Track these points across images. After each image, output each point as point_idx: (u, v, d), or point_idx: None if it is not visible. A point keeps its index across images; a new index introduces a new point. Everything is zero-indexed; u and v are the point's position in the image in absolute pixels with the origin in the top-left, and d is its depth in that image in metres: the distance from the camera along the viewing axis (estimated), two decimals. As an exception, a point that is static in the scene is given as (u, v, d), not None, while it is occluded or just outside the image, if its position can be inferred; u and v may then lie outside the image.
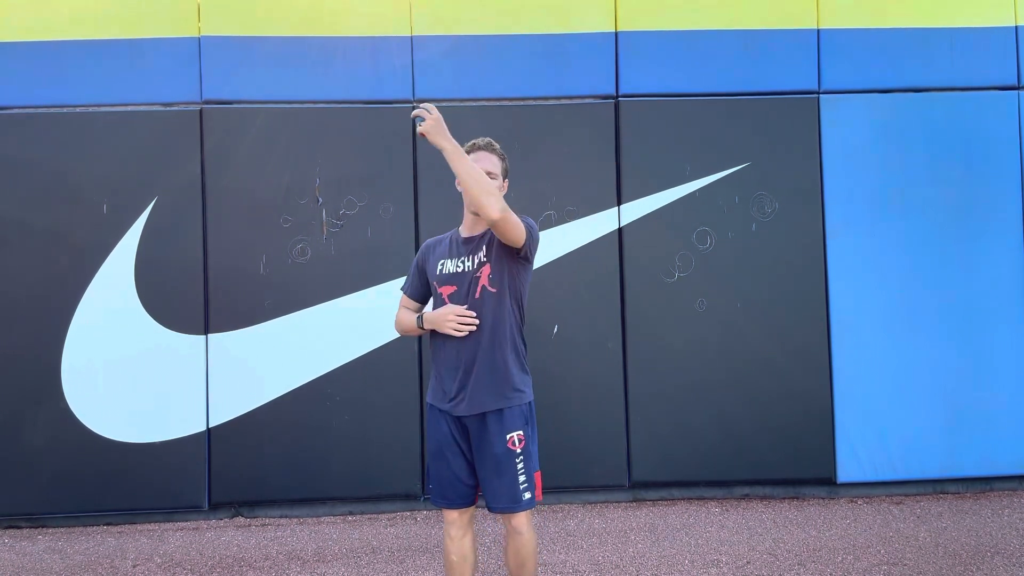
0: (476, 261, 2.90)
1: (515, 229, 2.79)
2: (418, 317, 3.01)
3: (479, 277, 2.89)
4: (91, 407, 4.80)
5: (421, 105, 2.76)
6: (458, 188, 2.91)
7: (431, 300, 3.07)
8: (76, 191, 4.85)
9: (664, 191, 5.05)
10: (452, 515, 2.98)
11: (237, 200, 4.92)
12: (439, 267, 2.98)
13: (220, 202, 4.92)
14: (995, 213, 5.08)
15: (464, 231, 3.01)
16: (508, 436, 2.86)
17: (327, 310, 4.92)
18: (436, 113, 2.73)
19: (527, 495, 2.88)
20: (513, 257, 2.89)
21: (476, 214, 2.90)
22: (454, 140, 2.73)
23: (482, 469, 2.91)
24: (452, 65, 5.03)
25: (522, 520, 2.91)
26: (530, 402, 2.94)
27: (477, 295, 2.88)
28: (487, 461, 2.88)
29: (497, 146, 3.02)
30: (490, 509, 2.92)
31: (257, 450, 4.85)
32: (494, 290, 2.87)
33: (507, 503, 2.87)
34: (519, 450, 2.87)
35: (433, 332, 2.97)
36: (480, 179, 2.71)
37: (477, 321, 2.85)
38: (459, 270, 2.93)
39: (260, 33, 4.98)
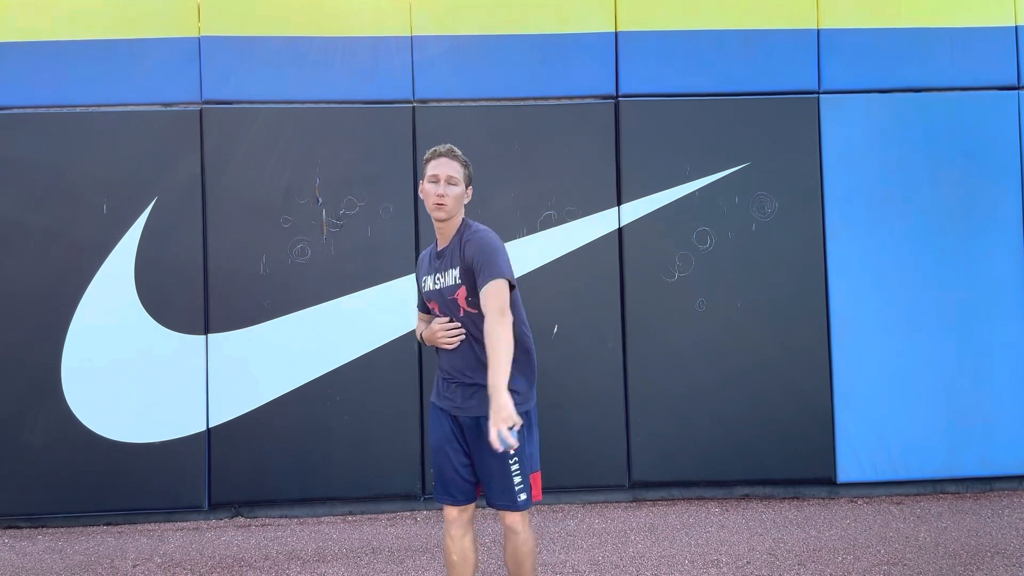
0: (451, 279, 2.92)
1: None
2: (419, 338, 3.15)
3: (456, 299, 2.91)
4: (91, 407, 4.80)
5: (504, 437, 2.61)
6: (420, 194, 3.02)
7: None
8: (76, 191, 4.85)
9: (664, 191, 5.05)
10: (452, 513, 2.99)
11: (237, 200, 4.92)
12: (424, 283, 3.07)
13: (220, 202, 4.92)
14: (995, 213, 5.08)
15: (438, 243, 3.02)
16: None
17: (327, 310, 4.91)
18: (503, 432, 2.59)
19: (523, 496, 2.89)
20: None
21: (437, 220, 2.94)
22: (503, 400, 2.61)
23: (480, 469, 2.94)
24: (452, 65, 5.03)
25: (517, 520, 2.91)
26: (527, 411, 2.90)
27: (461, 314, 2.92)
28: (483, 462, 2.90)
29: (459, 152, 2.98)
30: (489, 505, 2.95)
31: (257, 450, 4.85)
32: (475, 311, 2.88)
33: (503, 502, 2.90)
34: (513, 452, 2.86)
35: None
36: (508, 357, 2.69)
37: (463, 331, 2.91)
38: (436, 286, 2.97)
39: (260, 33, 4.98)
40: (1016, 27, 5.16)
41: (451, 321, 2.93)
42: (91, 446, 4.77)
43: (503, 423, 2.56)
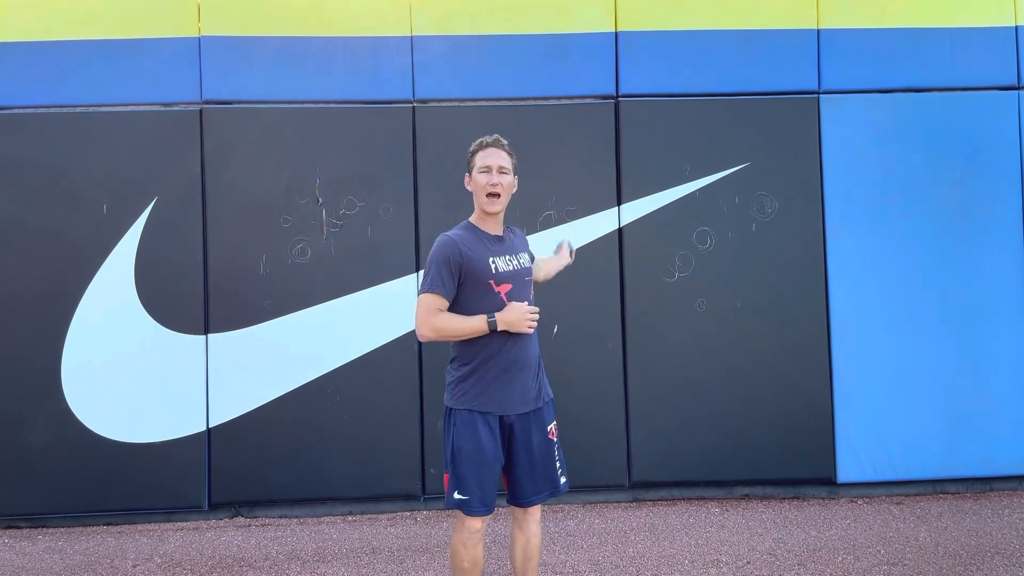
0: (524, 261, 3.05)
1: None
2: (490, 320, 2.86)
3: (530, 281, 3.06)
4: (91, 407, 4.80)
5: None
6: (468, 188, 3.06)
7: (463, 300, 2.94)
8: (76, 191, 4.85)
9: (664, 191, 5.05)
10: (477, 524, 2.93)
11: (237, 200, 4.92)
12: (491, 265, 2.91)
13: (220, 202, 4.91)
14: (995, 213, 5.08)
15: (487, 229, 3.02)
16: (548, 428, 3.05)
17: (327, 310, 4.91)
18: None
19: (563, 479, 3.06)
20: None
21: (488, 213, 2.99)
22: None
23: (527, 464, 2.97)
24: (452, 65, 5.03)
25: (539, 515, 3.06)
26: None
27: (532, 296, 3.05)
28: (531, 454, 2.97)
29: (505, 142, 3.04)
30: (526, 503, 2.98)
31: (257, 450, 4.85)
32: (534, 293, 3.09)
33: (550, 490, 3.01)
34: (555, 440, 3.07)
35: (478, 340, 2.89)
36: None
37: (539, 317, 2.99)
38: (511, 268, 2.97)
39: (260, 33, 4.98)
40: (1016, 27, 5.16)
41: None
42: (91, 446, 4.77)
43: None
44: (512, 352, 2.90)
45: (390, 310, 4.89)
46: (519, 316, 2.86)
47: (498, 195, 2.94)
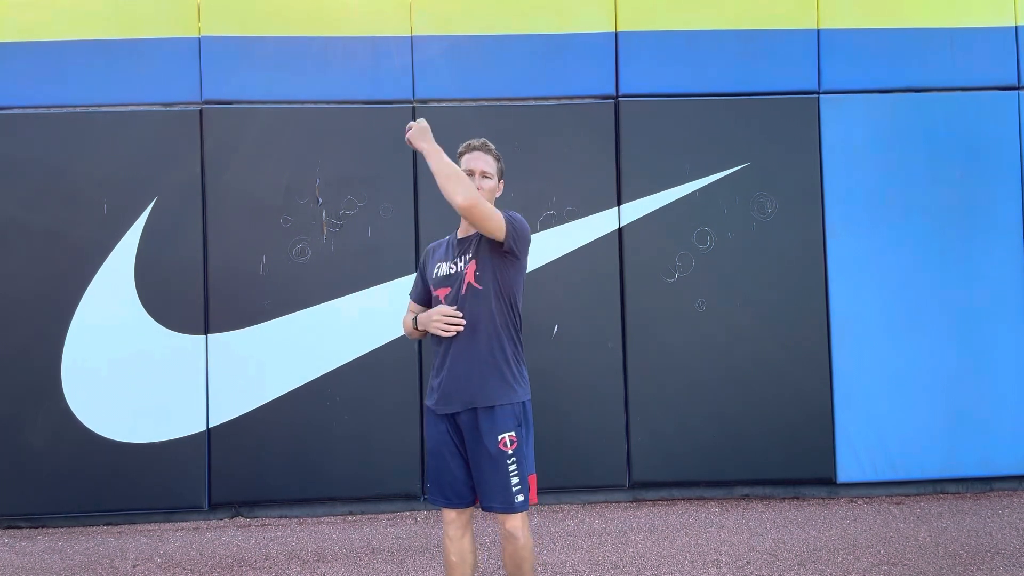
0: (465, 260, 2.92)
1: (489, 220, 2.79)
2: (414, 318, 3.05)
3: (465, 274, 2.89)
4: (91, 407, 4.80)
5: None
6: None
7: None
8: (76, 191, 4.85)
9: (664, 191, 5.05)
10: (451, 515, 2.98)
11: (237, 200, 4.92)
12: (435, 271, 3.01)
13: (220, 202, 4.92)
14: (995, 213, 5.08)
15: (460, 232, 3.02)
16: (500, 437, 2.84)
17: (327, 310, 4.91)
18: (423, 122, 2.88)
19: (520, 497, 2.85)
20: (498, 252, 2.87)
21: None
22: (435, 143, 2.85)
23: (476, 468, 2.89)
24: (452, 65, 5.03)
25: (516, 523, 2.86)
26: (524, 402, 2.91)
27: (463, 291, 2.88)
28: (480, 461, 2.87)
29: (492, 146, 3.01)
30: (484, 509, 2.91)
31: (257, 450, 4.85)
32: (480, 287, 2.86)
33: (500, 504, 2.85)
34: (511, 451, 2.84)
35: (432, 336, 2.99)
36: (447, 169, 2.79)
37: (463, 321, 2.85)
38: (452, 271, 2.95)
39: (260, 33, 4.98)
40: (1016, 27, 5.16)
41: (456, 306, 2.88)
42: (91, 446, 4.77)
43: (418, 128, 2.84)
44: (452, 351, 2.91)
45: (390, 310, 4.88)
46: (427, 316, 2.95)
47: None
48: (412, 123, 2.89)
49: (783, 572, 3.89)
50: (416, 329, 3.05)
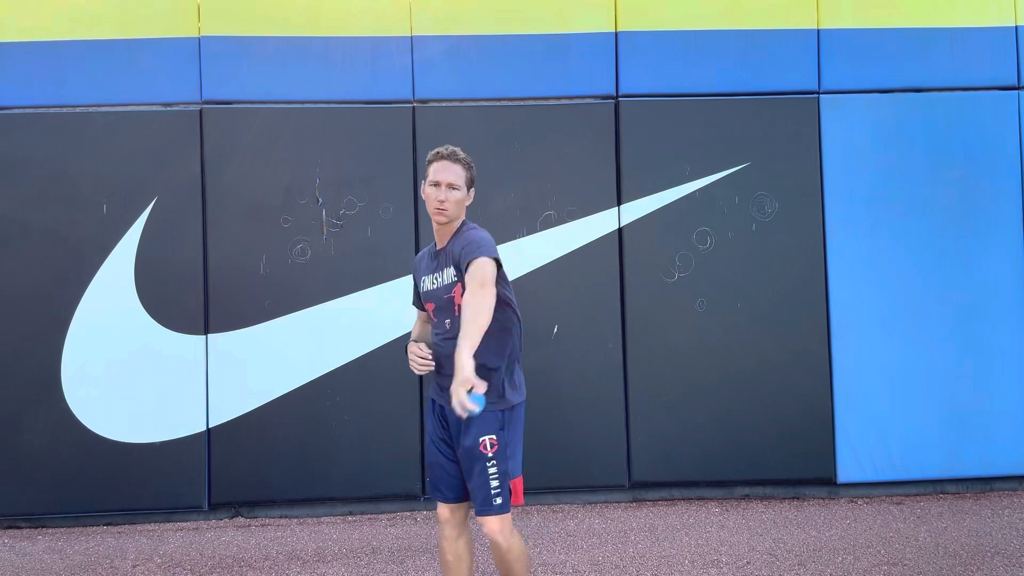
0: (447, 278, 2.88)
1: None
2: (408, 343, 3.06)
3: (452, 297, 2.87)
4: (91, 407, 4.80)
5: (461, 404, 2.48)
6: (422, 195, 2.96)
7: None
8: (76, 191, 4.85)
9: (664, 191, 5.05)
10: (445, 513, 2.97)
11: (237, 200, 4.92)
12: (422, 284, 3.03)
13: (220, 202, 4.91)
14: (995, 213, 5.08)
15: (437, 243, 2.99)
16: (481, 439, 2.83)
17: (327, 310, 4.91)
18: (459, 394, 2.45)
19: (498, 500, 2.83)
20: None
21: (441, 224, 2.90)
22: (463, 361, 2.49)
23: (462, 464, 2.92)
24: (452, 65, 5.03)
25: (495, 526, 2.83)
26: (513, 406, 2.89)
27: (456, 312, 2.83)
28: (463, 458, 2.89)
29: (461, 154, 2.92)
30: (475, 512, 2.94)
31: (257, 450, 4.85)
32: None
33: (479, 504, 2.85)
34: (490, 454, 2.83)
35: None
36: (481, 326, 2.59)
37: (431, 364, 2.90)
38: (434, 286, 2.95)
39: (260, 33, 4.98)
40: (1016, 27, 5.16)
41: (450, 324, 2.87)
42: (91, 446, 4.77)
43: (461, 385, 2.43)
44: (441, 346, 2.92)
45: (390, 310, 4.88)
46: (409, 353, 2.98)
47: (445, 210, 2.87)
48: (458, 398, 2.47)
49: (783, 572, 3.89)
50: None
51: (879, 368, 5.01)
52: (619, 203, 5.04)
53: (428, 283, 2.98)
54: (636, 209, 5.05)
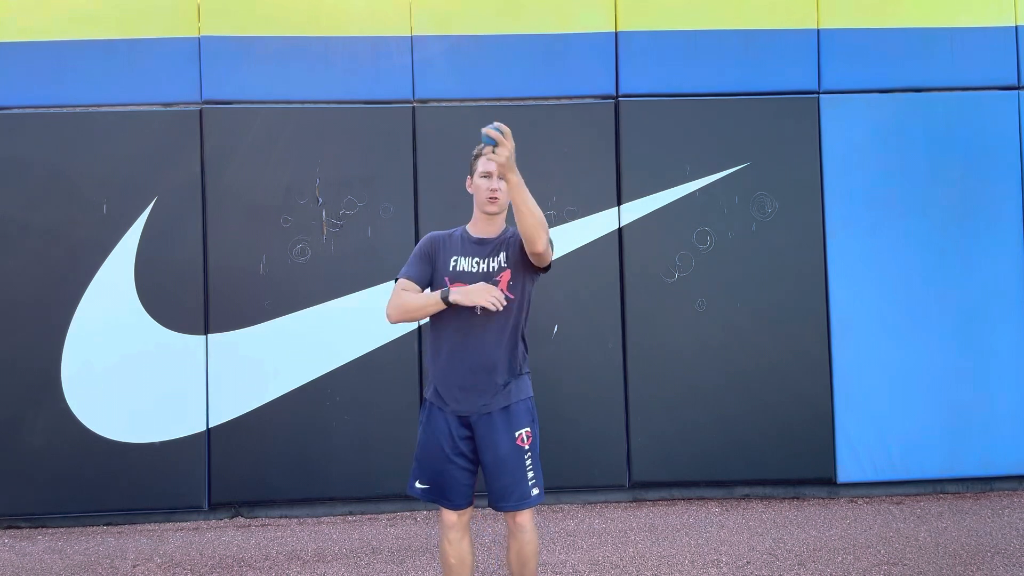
0: (496, 265, 2.93)
1: (549, 255, 2.90)
2: (443, 293, 2.85)
3: (498, 282, 2.92)
4: (91, 407, 4.80)
5: (496, 125, 2.64)
6: (469, 190, 3.01)
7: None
8: (76, 191, 4.85)
9: (664, 191, 5.05)
10: (451, 518, 2.97)
11: (237, 200, 4.92)
12: (452, 263, 2.96)
13: (220, 202, 4.91)
14: (995, 213, 5.08)
15: (474, 231, 3.02)
16: (517, 433, 2.90)
17: (327, 310, 4.91)
18: (511, 143, 2.67)
19: (535, 491, 2.92)
20: (531, 268, 2.94)
21: (488, 214, 2.97)
22: (519, 173, 2.73)
23: (490, 467, 2.90)
24: (452, 65, 5.03)
25: (527, 517, 2.93)
26: (532, 397, 3.00)
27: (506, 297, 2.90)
28: (496, 459, 2.88)
29: None
30: (496, 508, 2.93)
31: (257, 450, 4.85)
32: (512, 296, 2.91)
33: (515, 501, 2.89)
34: (527, 447, 2.91)
35: (438, 335, 2.95)
36: (540, 214, 2.78)
37: (506, 301, 2.84)
38: (474, 270, 2.94)
39: (260, 33, 4.98)
40: (1016, 27, 5.16)
41: (477, 310, 2.86)
42: (91, 446, 4.77)
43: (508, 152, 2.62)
44: (468, 349, 2.90)
45: (390, 310, 4.88)
46: (476, 290, 2.81)
47: (497, 199, 2.97)
48: (497, 134, 2.64)
49: (783, 572, 3.89)
50: (445, 303, 2.83)
51: (879, 368, 5.01)
52: (619, 203, 5.04)
53: (464, 264, 2.95)
54: (636, 209, 5.05)
